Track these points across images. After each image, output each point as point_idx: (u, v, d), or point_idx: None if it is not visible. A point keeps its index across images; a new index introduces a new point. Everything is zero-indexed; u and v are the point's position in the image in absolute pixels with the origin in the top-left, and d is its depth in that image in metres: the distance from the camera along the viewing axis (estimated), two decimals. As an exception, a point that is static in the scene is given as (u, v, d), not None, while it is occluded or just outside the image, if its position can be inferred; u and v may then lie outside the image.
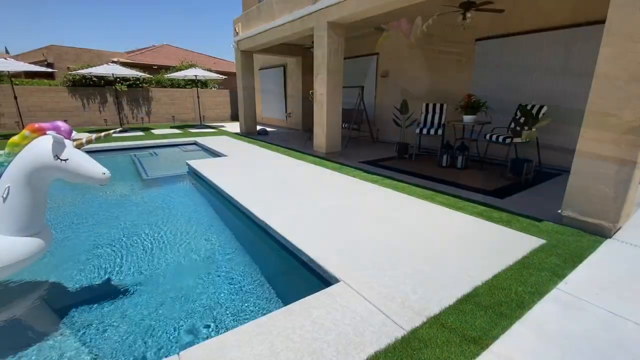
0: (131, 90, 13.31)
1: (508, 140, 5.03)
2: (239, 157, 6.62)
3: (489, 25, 6.19)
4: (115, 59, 16.53)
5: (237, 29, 10.17)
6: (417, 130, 6.37)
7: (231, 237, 3.36)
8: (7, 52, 10.69)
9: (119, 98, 12.99)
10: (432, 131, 6.22)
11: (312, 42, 6.86)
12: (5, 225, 1.97)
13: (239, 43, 10.11)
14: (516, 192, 4.25)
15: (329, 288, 2.12)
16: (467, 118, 5.59)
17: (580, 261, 2.48)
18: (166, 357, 1.58)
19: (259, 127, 11.23)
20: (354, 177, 5.01)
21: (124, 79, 12.95)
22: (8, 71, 9.79)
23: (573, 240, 2.83)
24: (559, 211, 3.21)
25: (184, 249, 3.06)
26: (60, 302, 2.32)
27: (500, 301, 1.99)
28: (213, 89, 15.95)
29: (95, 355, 1.79)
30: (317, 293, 2.05)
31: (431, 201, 3.85)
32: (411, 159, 6.42)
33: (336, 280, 2.21)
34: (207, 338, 1.70)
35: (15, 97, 10.51)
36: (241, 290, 2.44)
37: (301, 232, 2.95)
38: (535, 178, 4.84)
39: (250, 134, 10.59)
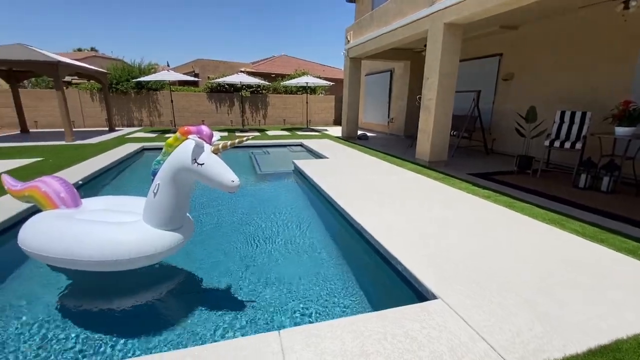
0: (252, 96, 15.30)
1: (686, 161, 3.82)
2: (339, 159, 6.84)
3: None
4: (242, 69, 19.27)
5: (348, 37, 10.55)
6: (547, 143, 5.42)
7: (326, 233, 3.51)
8: (168, 65, 13.71)
9: (242, 103, 15.08)
10: (567, 144, 5.20)
11: (424, 45, 6.59)
12: (153, 218, 2.19)
13: (349, 50, 10.47)
14: (695, 229, 3.19)
15: (425, 303, 2.00)
16: (622, 130, 4.48)
17: None
18: (267, 331, 1.75)
19: (359, 132, 11.40)
20: (460, 189, 4.59)
21: (248, 86, 14.99)
22: (169, 80, 12.52)
23: None
24: None
25: (282, 237, 3.36)
26: (189, 279, 2.83)
27: (659, 367, 1.53)
28: (321, 95, 16.98)
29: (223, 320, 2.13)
30: (412, 305, 1.96)
31: (560, 227, 3.22)
32: (535, 175, 5.50)
33: (433, 296, 2.07)
34: (301, 322, 1.81)
35: (172, 101, 13.39)
36: (329, 284, 2.52)
37: (397, 239, 2.86)
38: None
39: (350, 138, 10.84)
